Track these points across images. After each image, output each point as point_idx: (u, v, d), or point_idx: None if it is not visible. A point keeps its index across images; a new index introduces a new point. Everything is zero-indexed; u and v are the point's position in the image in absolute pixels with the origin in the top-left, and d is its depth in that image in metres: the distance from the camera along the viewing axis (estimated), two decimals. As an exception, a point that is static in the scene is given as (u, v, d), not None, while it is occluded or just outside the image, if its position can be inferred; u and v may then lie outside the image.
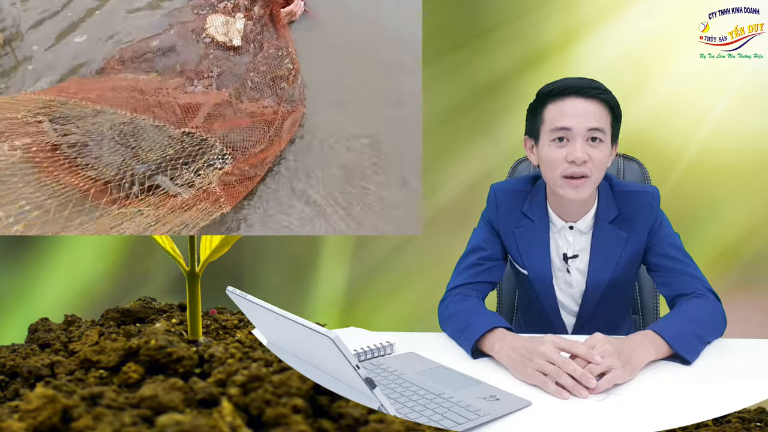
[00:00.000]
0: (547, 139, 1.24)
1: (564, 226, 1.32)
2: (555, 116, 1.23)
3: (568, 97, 1.23)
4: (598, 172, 1.23)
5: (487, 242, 1.35)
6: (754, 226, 1.99)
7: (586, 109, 1.22)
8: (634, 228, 1.29)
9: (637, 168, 1.50)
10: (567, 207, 1.30)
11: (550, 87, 1.26)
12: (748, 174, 1.98)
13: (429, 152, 2.12)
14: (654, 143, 1.96)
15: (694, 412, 0.88)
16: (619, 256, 1.29)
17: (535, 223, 1.33)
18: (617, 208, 1.30)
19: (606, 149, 1.24)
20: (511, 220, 1.35)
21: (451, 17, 2.06)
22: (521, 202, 1.35)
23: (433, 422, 0.86)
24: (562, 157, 1.22)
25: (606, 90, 1.24)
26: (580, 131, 1.21)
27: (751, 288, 1.97)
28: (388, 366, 1.08)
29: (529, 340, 1.04)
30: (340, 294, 2.09)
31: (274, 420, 0.79)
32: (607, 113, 1.23)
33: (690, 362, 1.05)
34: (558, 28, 2.05)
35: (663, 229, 1.30)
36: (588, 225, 1.31)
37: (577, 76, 1.27)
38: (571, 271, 1.32)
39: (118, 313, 1.39)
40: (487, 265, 1.33)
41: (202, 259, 1.22)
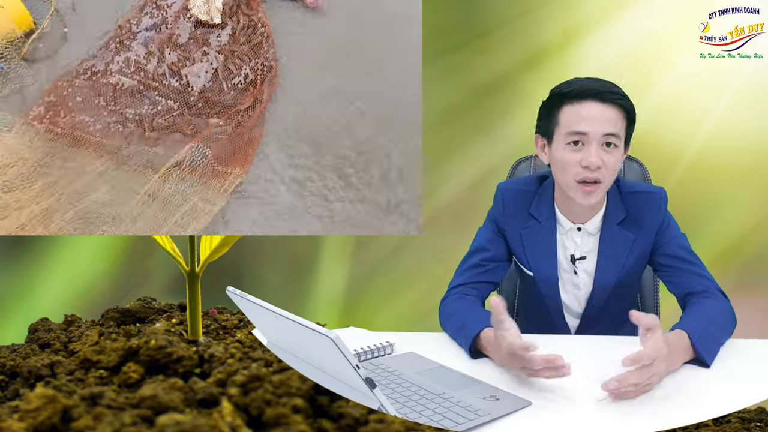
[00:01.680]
0: (562, 142, 1.22)
1: (572, 228, 1.31)
2: (571, 119, 1.21)
3: (586, 101, 1.20)
4: (610, 177, 1.22)
5: (491, 243, 1.34)
6: (754, 226, 1.99)
7: (603, 114, 1.19)
8: (642, 229, 1.28)
9: (637, 168, 1.50)
10: (575, 209, 1.29)
11: (568, 88, 1.23)
12: (748, 174, 1.98)
13: (429, 152, 2.12)
14: (654, 143, 1.96)
15: (694, 412, 0.88)
16: (626, 258, 1.29)
17: (542, 225, 1.32)
18: (625, 210, 1.29)
19: (619, 154, 1.22)
20: (518, 221, 1.33)
21: (451, 17, 2.05)
22: (528, 203, 1.34)
23: (433, 422, 0.86)
24: (576, 161, 1.20)
25: (624, 95, 1.22)
26: (595, 136, 1.19)
27: (752, 288, 1.97)
28: (388, 366, 1.08)
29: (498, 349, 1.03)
30: (340, 294, 2.09)
31: (274, 420, 0.79)
32: (623, 118, 1.21)
33: (709, 365, 1.05)
34: (558, 28, 2.04)
35: (670, 230, 1.29)
36: (596, 226, 1.30)
37: (593, 77, 1.24)
38: (579, 273, 1.32)
39: (118, 313, 1.39)
40: (489, 266, 1.33)
41: (202, 259, 1.22)
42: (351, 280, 2.09)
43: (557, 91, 1.24)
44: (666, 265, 1.28)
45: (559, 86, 1.25)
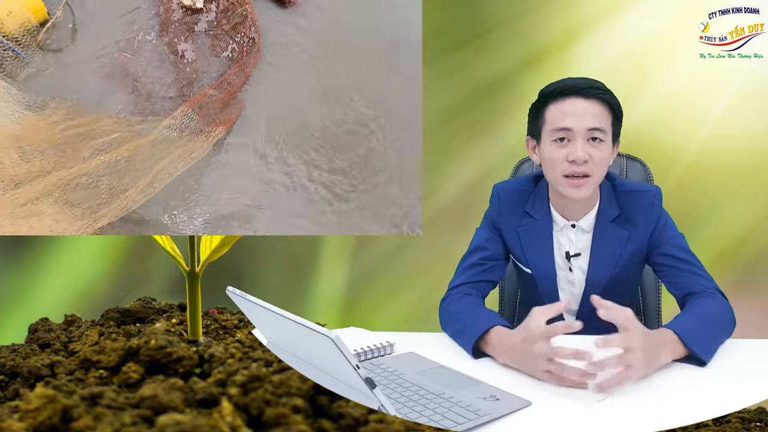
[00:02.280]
0: (549, 139, 1.26)
1: (566, 225, 1.32)
2: (556, 116, 1.25)
3: (569, 98, 1.24)
4: (599, 171, 1.24)
5: (489, 242, 1.36)
6: (754, 226, 1.99)
7: (586, 109, 1.23)
8: (636, 227, 1.29)
9: (640, 168, 1.50)
10: (569, 206, 1.31)
11: (551, 87, 1.27)
12: (748, 174, 1.98)
13: (429, 152, 2.12)
14: (654, 143, 1.96)
15: (694, 412, 0.88)
16: (619, 255, 1.30)
17: (538, 222, 1.34)
18: (619, 207, 1.31)
19: (606, 149, 1.24)
20: (514, 219, 1.36)
21: (451, 17, 2.06)
22: (524, 201, 1.36)
23: (433, 422, 0.86)
24: (563, 157, 1.23)
25: (606, 90, 1.25)
26: (580, 131, 1.22)
27: (751, 288, 1.97)
28: (388, 366, 1.08)
29: (521, 334, 1.03)
30: (340, 294, 2.09)
31: (274, 420, 0.79)
32: (607, 113, 1.24)
33: (706, 363, 1.05)
34: (558, 28, 2.05)
35: (668, 230, 1.30)
36: (590, 223, 1.31)
37: (578, 76, 1.28)
38: (574, 270, 1.33)
39: (118, 313, 1.39)
40: (488, 264, 1.34)
41: (202, 259, 1.22)
42: (351, 280, 2.09)
43: (543, 92, 1.29)
44: (664, 264, 1.29)
45: (545, 87, 1.29)
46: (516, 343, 1.04)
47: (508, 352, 1.06)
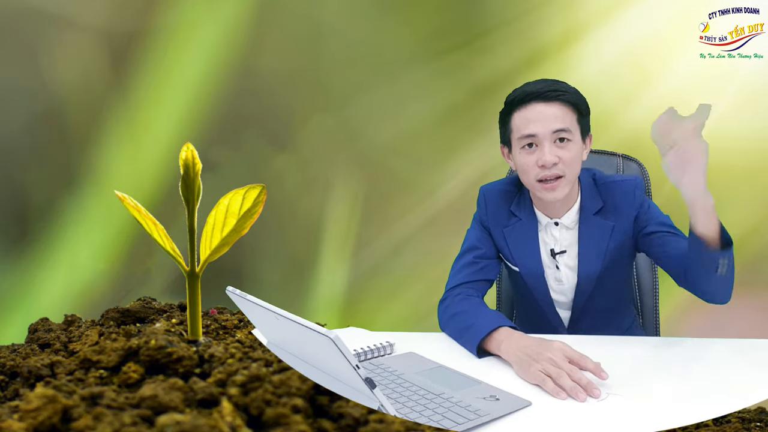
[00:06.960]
0: (518, 147, 1.29)
1: (549, 223, 1.34)
2: (521, 124, 1.27)
3: (530, 104, 1.26)
4: (571, 170, 1.26)
5: (481, 241, 1.38)
6: (754, 226, 1.99)
7: (548, 113, 1.25)
8: (620, 215, 1.31)
9: (636, 168, 1.51)
10: (549, 205, 1.33)
11: (513, 95, 1.30)
12: (748, 174, 1.98)
13: (429, 152, 2.12)
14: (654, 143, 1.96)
15: (694, 412, 0.88)
16: (606, 246, 1.31)
17: (523, 222, 1.36)
18: (602, 200, 1.32)
19: (575, 147, 1.26)
20: (501, 219, 1.38)
21: (451, 17, 2.06)
22: (509, 202, 1.38)
23: (433, 422, 0.86)
24: (533, 163, 1.26)
25: (567, 89, 1.27)
26: (546, 135, 1.24)
27: (751, 288, 1.97)
28: (388, 366, 1.08)
29: (539, 341, 1.04)
30: (340, 294, 2.09)
31: (274, 420, 0.79)
32: (571, 112, 1.26)
33: (725, 244, 1.08)
34: (558, 28, 2.05)
35: (651, 211, 1.31)
36: (573, 220, 1.33)
37: (539, 79, 1.29)
38: (560, 267, 1.34)
39: (118, 313, 1.39)
40: (483, 263, 1.35)
41: (202, 259, 1.22)
42: (351, 280, 2.09)
43: (507, 100, 1.31)
44: (653, 237, 1.28)
45: (508, 95, 1.31)
46: (529, 344, 1.04)
47: (514, 349, 1.06)
